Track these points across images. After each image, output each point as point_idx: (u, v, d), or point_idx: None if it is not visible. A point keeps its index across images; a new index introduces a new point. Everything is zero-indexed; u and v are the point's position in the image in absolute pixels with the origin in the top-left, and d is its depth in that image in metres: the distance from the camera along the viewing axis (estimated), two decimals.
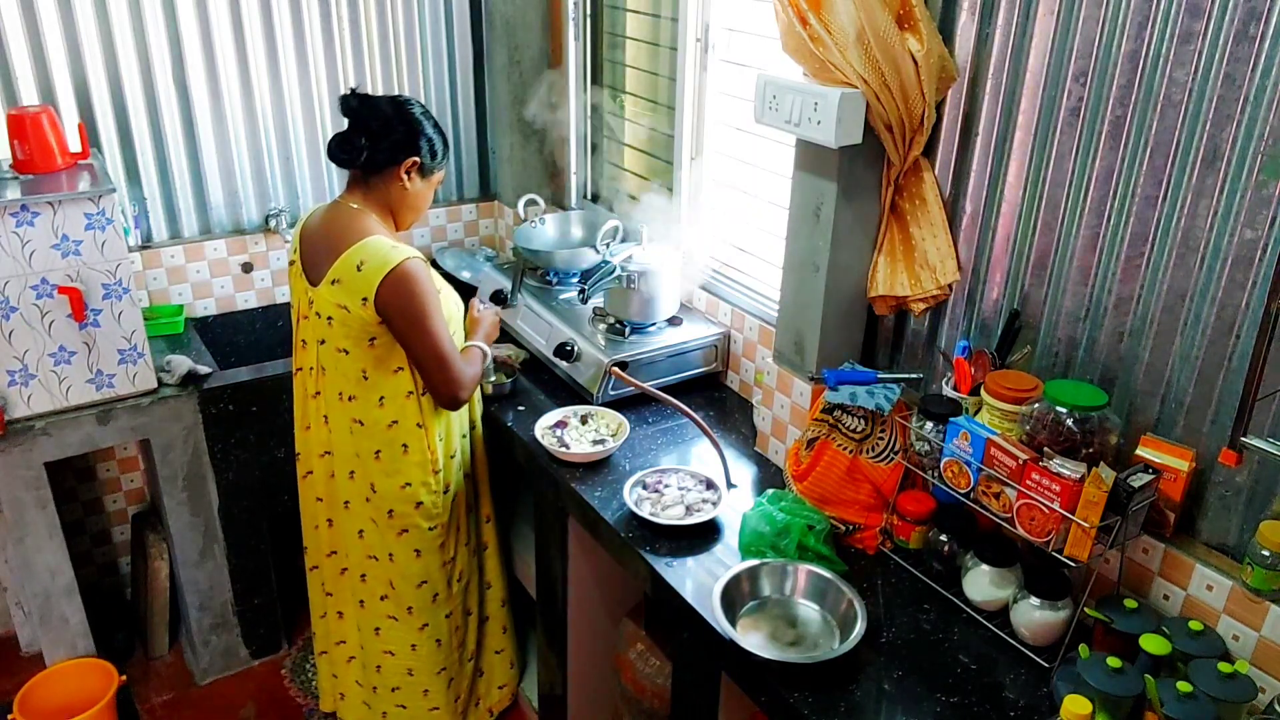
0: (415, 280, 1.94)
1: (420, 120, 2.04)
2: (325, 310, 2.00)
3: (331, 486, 2.19)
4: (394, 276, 1.92)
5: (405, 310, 1.94)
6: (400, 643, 2.28)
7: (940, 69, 1.73)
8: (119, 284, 2.29)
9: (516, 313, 2.64)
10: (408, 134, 2.01)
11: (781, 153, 2.17)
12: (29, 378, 2.27)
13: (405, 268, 1.92)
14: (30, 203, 2.13)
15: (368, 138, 1.99)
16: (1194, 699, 1.35)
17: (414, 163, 2.03)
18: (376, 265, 1.92)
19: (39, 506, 2.40)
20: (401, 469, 2.10)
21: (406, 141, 2.01)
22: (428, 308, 1.96)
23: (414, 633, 2.27)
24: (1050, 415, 1.55)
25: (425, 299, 1.95)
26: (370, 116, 2.00)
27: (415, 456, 2.10)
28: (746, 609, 1.71)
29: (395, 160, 2.01)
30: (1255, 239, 1.40)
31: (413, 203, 2.08)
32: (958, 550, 1.74)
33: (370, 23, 2.91)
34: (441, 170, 2.12)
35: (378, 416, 2.06)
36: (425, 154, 2.04)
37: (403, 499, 2.12)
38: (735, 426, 2.32)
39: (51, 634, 2.54)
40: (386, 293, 1.92)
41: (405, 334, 1.97)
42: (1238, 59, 1.37)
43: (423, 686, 2.33)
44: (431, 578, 2.23)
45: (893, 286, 1.90)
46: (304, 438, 2.22)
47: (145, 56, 2.62)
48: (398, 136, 2.00)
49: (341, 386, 2.06)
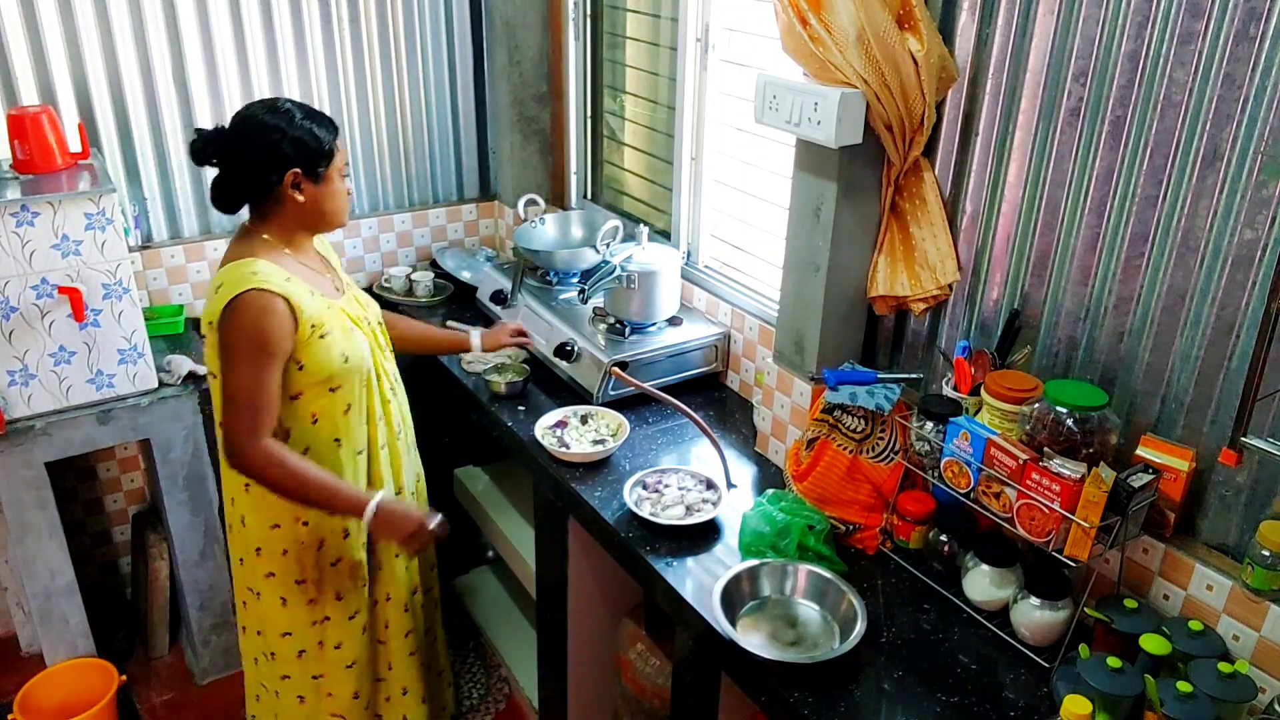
0: (252, 312, 1.73)
1: (273, 127, 1.78)
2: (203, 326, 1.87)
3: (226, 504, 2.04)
4: (237, 303, 1.74)
5: (228, 339, 1.76)
6: (273, 684, 2.12)
7: (940, 69, 1.73)
8: (119, 284, 2.29)
9: (516, 313, 2.64)
10: (268, 151, 1.78)
11: (781, 153, 2.17)
12: (29, 378, 2.27)
13: (247, 298, 1.73)
14: (30, 203, 2.13)
15: (230, 177, 1.82)
16: (1194, 699, 1.35)
17: (293, 175, 1.80)
18: (228, 288, 1.75)
19: (39, 506, 2.40)
20: (269, 508, 1.92)
21: (271, 159, 1.78)
22: (248, 344, 1.74)
23: (276, 680, 2.10)
24: (1050, 415, 1.55)
25: (250, 333, 1.74)
26: (220, 154, 1.82)
27: (284, 500, 1.88)
28: (746, 609, 1.71)
29: (270, 184, 1.80)
30: (1255, 239, 1.40)
31: (320, 208, 1.86)
32: (958, 550, 1.74)
33: (370, 23, 2.91)
34: (335, 157, 1.85)
35: None
36: (300, 158, 1.79)
37: (270, 540, 1.94)
38: (735, 426, 2.32)
39: (51, 634, 2.54)
40: (222, 318, 1.76)
41: (221, 362, 1.79)
42: (1238, 59, 1.37)
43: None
44: (297, 632, 2.03)
45: (893, 286, 1.90)
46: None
47: (145, 56, 2.62)
48: (258, 160, 1.78)
49: (217, 411, 1.88)
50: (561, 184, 3.18)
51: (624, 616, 2.30)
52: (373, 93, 2.99)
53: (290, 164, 1.80)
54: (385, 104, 3.03)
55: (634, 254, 2.43)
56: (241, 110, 1.84)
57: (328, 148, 1.83)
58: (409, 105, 3.08)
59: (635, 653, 2.22)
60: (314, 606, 2.01)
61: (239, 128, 1.81)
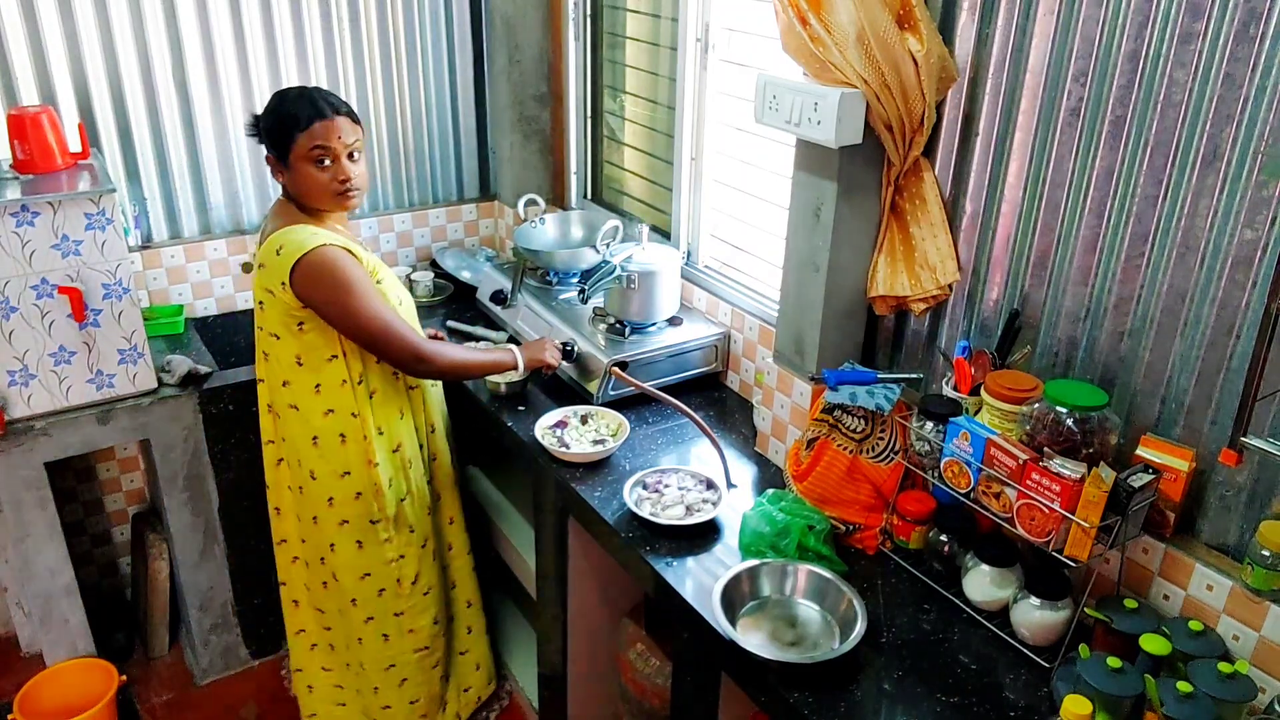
0: (329, 264, 1.92)
1: (264, 113, 2.01)
2: (258, 294, 2.03)
3: (277, 474, 2.19)
4: (306, 263, 1.91)
5: (326, 295, 1.93)
6: (347, 636, 2.27)
7: (940, 69, 1.73)
8: (119, 284, 2.29)
9: (516, 313, 2.64)
10: (256, 136, 2.03)
11: (781, 153, 2.17)
12: (29, 378, 2.27)
13: (317, 254, 1.91)
14: (30, 203, 2.13)
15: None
16: (1194, 699, 1.35)
17: (270, 159, 2.01)
18: (291, 251, 1.92)
19: (39, 506, 2.40)
20: (339, 457, 2.09)
21: (263, 142, 2.01)
22: (350, 286, 1.93)
23: (360, 625, 2.25)
24: (1050, 415, 1.55)
25: (344, 278, 1.92)
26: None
27: (353, 446, 2.09)
28: (746, 609, 1.71)
29: (270, 164, 2.03)
30: (1255, 239, 1.40)
31: (296, 189, 2.01)
32: (958, 550, 1.74)
33: (370, 23, 2.91)
34: (300, 140, 1.94)
35: (314, 403, 2.06)
36: (271, 144, 1.99)
37: (341, 488, 2.11)
38: (735, 426, 2.32)
39: (51, 634, 2.54)
40: (301, 279, 1.91)
41: (334, 318, 1.96)
42: (1238, 59, 1.37)
43: (373, 683, 2.32)
44: (375, 572, 2.20)
45: (893, 286, 1.90)
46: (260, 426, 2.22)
47: (145, 56, 2.63)
48: (260, 143, 2.03)
49: (280, 372, 2.06)
50: (561, 184, 3.18)
51: (624, 616, 2.30)
52: (373, 93, 2.99)
53: (268, 150, 2.01)
54: (385, 104, 3.03)
55: (634, 254, 2.43)
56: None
57: (291, 134, 1.94)
58: (409, 105, 3.08)
59: (635, 653, 2.22)
60: (389, 545, 2.18)
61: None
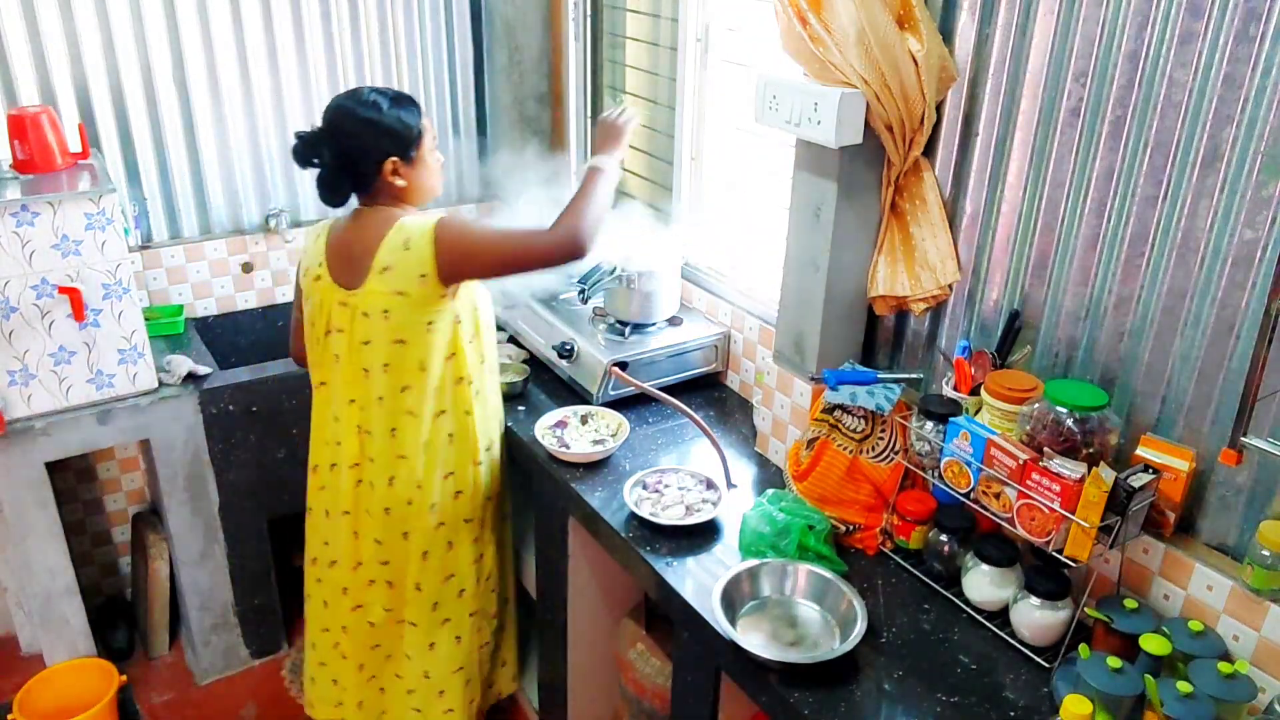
0: (451, 220, 1.91)
1: (365, 121, 1.88)
2: (376, 305, 1.92)
3: (365, 495, 2.10)
4: (440, 232, 1.88)
5: (471, 243, 1.90)
6: (419, 645, 2.23)
7: (940, 69, 1.73)
8: (119, 284, 2.29)
9: (516, 313, 2.64)
10: (365, 146, 1.88)
11: (781, 153, 2.17)
12: (29, 378, 2.27)
13: (439, 222, 1.90)
14: (30, 203, 2.13)
15: (333, 174, 1.92)
16: (1194, 699, 1.35)
17: (393, 162, 1.90)
18: (419, 236, 1.88)
19: (39, 506, 2.40)
20: (446, 458, 2.08)
21: (369, 153, 1.89)
22: (474, 223, 1.96)
23: (435, 628, 2.21)
24: (1050, 415, 1.55)
25: (467, 220, 1.95)
26: (320, 155, 1.91)
27: (460, 445, 2.09)
28: (746, 609, 1.71)
29: (372, 174, 1.91)
30: (1255, 239, 1.40)
31: (419, 186, 1.98)
32: (958, 550, 1.74)
33: (370, 22, 2.91)
34: (426, 137, 1.96)
35: (429, 407, 2.02)
36: (396, 146, 1.90)
37: (444, 489, 2.10)
38: (735, 426, 2.32)
39: (51, 634, 2.54)
40: (445, 248, 1.88)
41: (487, 261, 1.93)
42: (1238, 59, 1.37)
43: (439, 687, 2.29)
44: (460, 572, 2.19)
45: (893, 286, 1.90)
46: (333, 452, 2.10)
47: (145, 56, 2.62)
48: (356, 156, 1.89)
49: (399, 380, 1.99)
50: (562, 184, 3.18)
51: (624, 616, 2.30)
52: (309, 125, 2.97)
53: (387, 154, 1.90)
54: None
55: (634, 254, 2.43)
56: (330, 108, 1.92)
57: (417, 130, 1.93)
58: None
59: (635, 653, 2.22)
60: (477, 543, 2.21)
61: (333, 128, 1.90)
